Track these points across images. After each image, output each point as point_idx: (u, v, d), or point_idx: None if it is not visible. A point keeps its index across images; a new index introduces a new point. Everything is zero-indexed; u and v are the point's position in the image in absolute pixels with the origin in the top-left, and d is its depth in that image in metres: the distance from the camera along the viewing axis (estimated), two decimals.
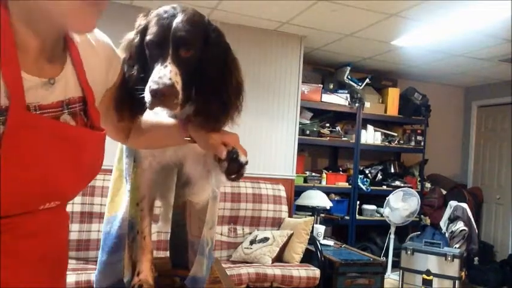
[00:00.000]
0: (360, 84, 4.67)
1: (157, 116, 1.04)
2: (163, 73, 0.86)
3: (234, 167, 0.91)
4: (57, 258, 0.86)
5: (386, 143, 4.92)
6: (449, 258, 3.66)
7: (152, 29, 0.90)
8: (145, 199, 1.25)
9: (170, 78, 0.85)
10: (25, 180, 0.68)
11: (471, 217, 4.41)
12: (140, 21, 0.95)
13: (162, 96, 0.85)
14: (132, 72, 0.94)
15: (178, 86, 0.87)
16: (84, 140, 0.79)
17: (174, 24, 0.89)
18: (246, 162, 0.91)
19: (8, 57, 0.65)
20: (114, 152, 1.24)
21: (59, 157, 0.72)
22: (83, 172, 0.81)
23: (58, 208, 0.83)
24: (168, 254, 1.57)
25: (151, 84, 0.85)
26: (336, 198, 4.58)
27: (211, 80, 0.94)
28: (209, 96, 0.94)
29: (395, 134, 5.02)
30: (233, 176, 0.92)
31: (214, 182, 1.14)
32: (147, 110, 0.98)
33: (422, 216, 4.90)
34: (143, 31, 0.93)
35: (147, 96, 0.86)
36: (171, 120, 1.02)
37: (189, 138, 1.00)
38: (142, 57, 0.93)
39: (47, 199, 0.76)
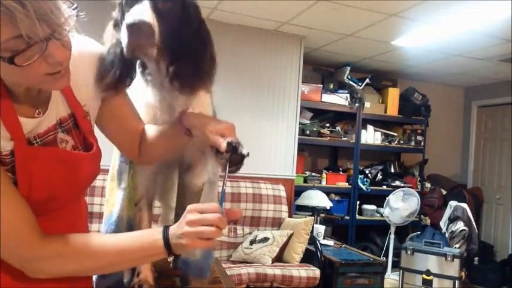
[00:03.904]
0: (360, 84, 4.67)
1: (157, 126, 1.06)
2: (141, 9, 0.86)
3: (236, 159, 0.89)
4: None
5: (387, 143, 4.92)
6: (449, 258, 3.66)
7: None
8: (143, 199, 1.24)
9: (146, 18, 0.85)
10: (36, 196, 0.81)
11: (471, 217, 4.40)
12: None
13: (138, 32, 0.85)
14: (115, 42, 0.93)
15: (156, 30, 0.87)
16: (79, 160, 0.89)
17: None
18: (248, 154, 0.89)
19: (6, 108, 0.76)
20: (112, 151, 1.24)
21: (60, 176, 0.84)
22: (82, 183, 0.93)
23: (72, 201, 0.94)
24: None
25: (128, 18, 0.85)
26: (336, 198, 4.58)
27: (188, 47, 0.95)
28: (185, 62, 0.95)
29: (395, 134, 5.02)
30: (232, 168, 0.90)
31: (211, 170, 1.14)
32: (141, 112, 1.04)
33: (422, 216, 4.89)
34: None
35: (123, 35, 0.86)
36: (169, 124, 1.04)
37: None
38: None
39: (57, 205, 0.88)
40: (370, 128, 4.82)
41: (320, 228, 3.81)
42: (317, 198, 4.02)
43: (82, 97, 0.91)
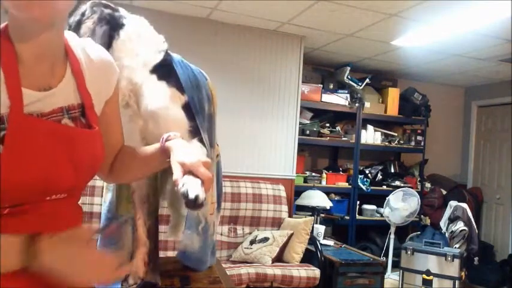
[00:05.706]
0: (360, 84, 4.67)
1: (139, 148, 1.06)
2: None
3: (189, 204, 0.83)
4: None
5: (387, 143, 4.92)
6: (449, 258, 3.66)
7: None
8: (135, 193, 1.28)
9: None
10: (26, 174, 0.76)
11: (471, 217, 4.40)
12: None
13: None
14: None
15: None
16: (78, 138, 0.85)
17: None
18: (196, 197, 0.81)
19: (11, 72, 0.74)
20: None
21: (56, 154, 0.80)
22: (82, 167, 0.86)
23: (67, 200, 0.88)
24: (168, 254, 1.58)
25: None
26: (336, 198, 4.58)
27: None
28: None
29: (396, 134, 5.02)
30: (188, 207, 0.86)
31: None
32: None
33: (422, 216, 4.89)
34: None
35: None
36: (152, 148, 1.01)
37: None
38: None
39: (50, 191, 0.82)
40: (370, 128, 4.82)
41: (320, 228, 3.82)
42: (317, 198, 4.02)
43: (94, 90, 0.91)
